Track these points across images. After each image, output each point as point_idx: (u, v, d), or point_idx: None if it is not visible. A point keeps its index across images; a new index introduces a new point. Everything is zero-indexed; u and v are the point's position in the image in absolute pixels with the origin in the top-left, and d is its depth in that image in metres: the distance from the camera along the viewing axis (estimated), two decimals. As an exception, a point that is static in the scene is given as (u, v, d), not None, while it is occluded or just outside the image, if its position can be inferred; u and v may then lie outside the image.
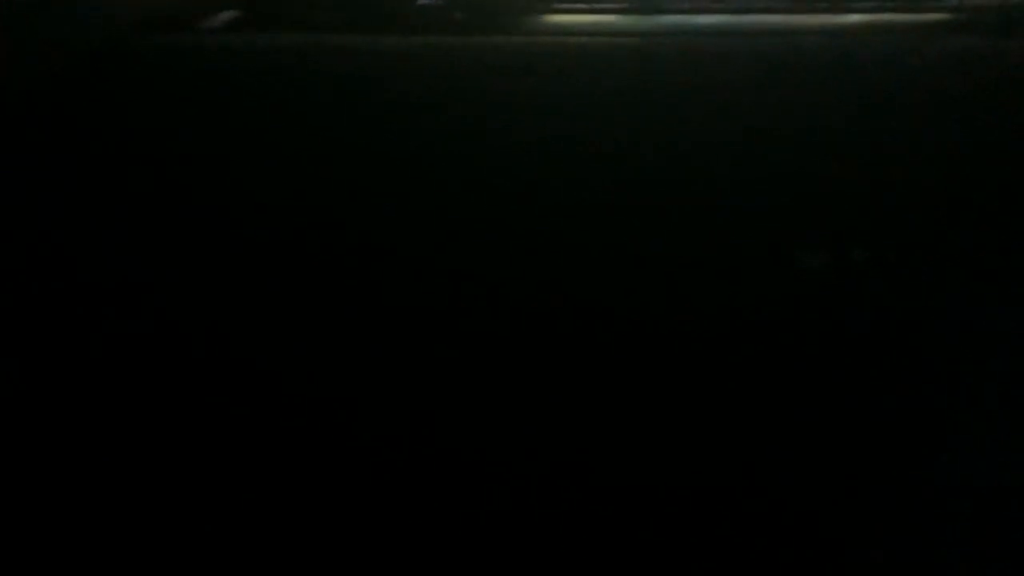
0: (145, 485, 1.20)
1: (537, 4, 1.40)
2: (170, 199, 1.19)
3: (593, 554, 1.19)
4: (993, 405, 1.18)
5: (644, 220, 1.19)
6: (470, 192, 1.19)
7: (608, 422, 1.19)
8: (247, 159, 1.20)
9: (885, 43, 1.33)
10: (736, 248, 1.19)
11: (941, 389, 1.19)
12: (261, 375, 1.19)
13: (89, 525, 1.20)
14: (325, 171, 1.20)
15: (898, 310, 1.19)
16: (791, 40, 1.31)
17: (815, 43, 1.30)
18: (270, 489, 1.20)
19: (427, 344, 1.18)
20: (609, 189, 1.19)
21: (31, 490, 1.20)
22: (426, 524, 1.19)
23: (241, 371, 1.19)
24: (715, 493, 1.19)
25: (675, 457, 1.19)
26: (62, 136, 1.19)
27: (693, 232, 1.19)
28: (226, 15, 1.35)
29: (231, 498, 1.20)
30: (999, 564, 1.17)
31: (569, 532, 1.19)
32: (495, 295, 1.18)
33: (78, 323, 1.19)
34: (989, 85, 1.21)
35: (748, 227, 1.19)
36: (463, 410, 1.19)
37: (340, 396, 1.20)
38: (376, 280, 1.19)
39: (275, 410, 1.20)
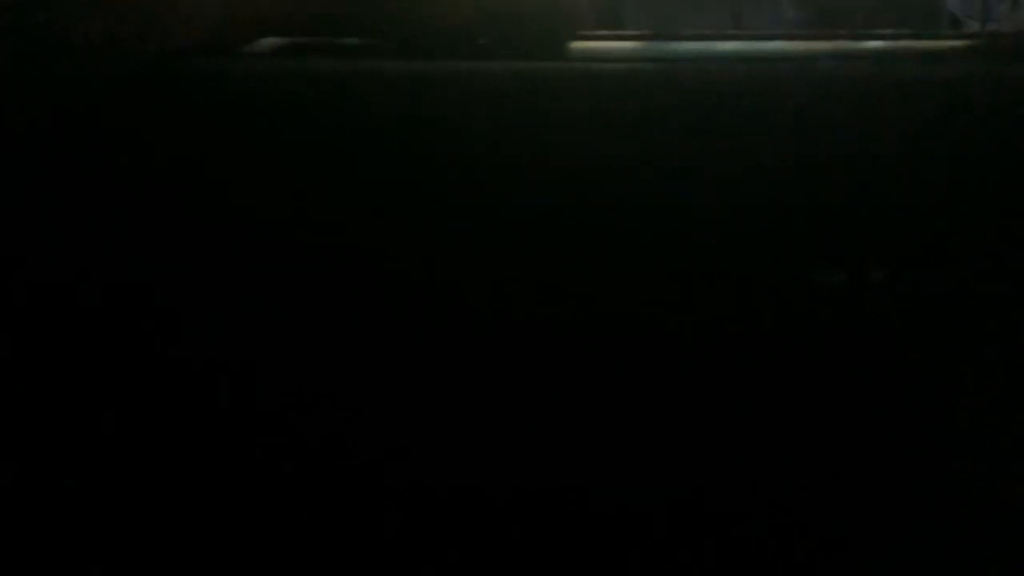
0: (145, 486, 1.22)
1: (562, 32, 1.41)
2: (203, 225, 1.21)
3: (596, 561, 1.20)
4: (1004, 421, 1.19)
5: (657, 244, 1.20)
6: (498, 217, 1.21)
7: (622, 436, 1.20)
8: (279, 184, 1.21)
9: (902, 69, 1.33)
10: (750, 270, 1.19)
11: (953, 406, 1.19)
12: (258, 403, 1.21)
13: (90, 525, 1.23)
14: (356, 196, 1.21)
15: (910, 329, 1.19)
16: (807, 65, 1.31)
17: (831, 68, 1.30)
18: (271, 492, 1.22)
19: (417, 352, 1.20)
20: (625, 213, 1.20)
21: (32, 490, 1.22)
22: (427, 530, 1.21)
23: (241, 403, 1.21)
24: (721, 507, 1.19)
25: (683, 471, 1.20)
26: (96, 161, 1.20)
27: (707, 255, 1.20)
28: (267, 41, 1.35)
29: (233, 502, 1.22)
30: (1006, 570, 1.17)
31: (571, 541, 1.20)
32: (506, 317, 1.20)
33: (100, 346, 1.21)
34: (1006, 111, 1.21)
35: (764, 250, 1.20)
36: (477, 421, 1.21)
37: (345, 409, 1.22)
38: (395, 311, 1.21)
39: (279, 421, 1.21)
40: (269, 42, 1.34)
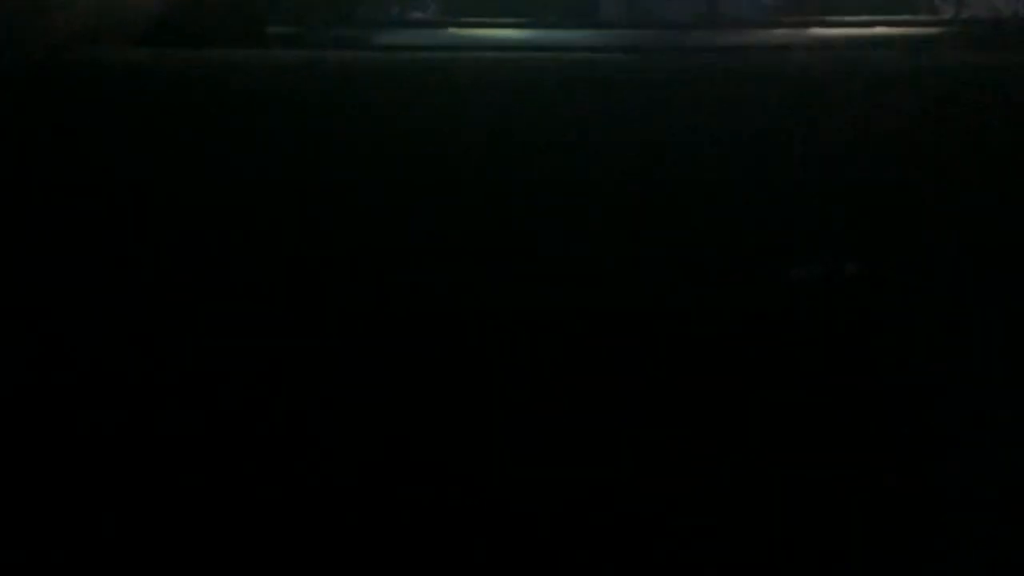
0: (145, 486, 1.21)
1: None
2: (77, 215, 1.20)
3: (594, 557, 1.19)
4: (992, 412, 1.19)
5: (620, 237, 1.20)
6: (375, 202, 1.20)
7: (614, 428, 1.20)
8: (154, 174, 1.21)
9: (880, 57, 1.33)
10: (726, 260, 1.19)
11: (940, 399, 1.19)
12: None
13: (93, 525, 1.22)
14: (222, 184, 1.21)
15: (894, 320, 1.19)
16: (785, 55, 1.31)
17: (809, 57, 1.30)
18: (271, 491, 1.21)
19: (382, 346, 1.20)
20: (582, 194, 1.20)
21: (33, 490, 1.22)
22: (427, 527, 1.20)
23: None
24: (714, 500, 1.19)
25: (673, 463, 1.20)
26: None
27: (672, 242, 1.20)
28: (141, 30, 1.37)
29: (234, 500, 1.22)
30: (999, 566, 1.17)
31: (569, 537, 1.20)
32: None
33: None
34: (986, 98, 1.21)
35: (738, 240, 1.19)
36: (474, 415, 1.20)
37: (345, 407, 1.21)
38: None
39: (276, 416, 1.21)
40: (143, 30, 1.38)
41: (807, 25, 1.52)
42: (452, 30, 1.54)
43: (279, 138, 1.20)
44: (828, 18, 1.55)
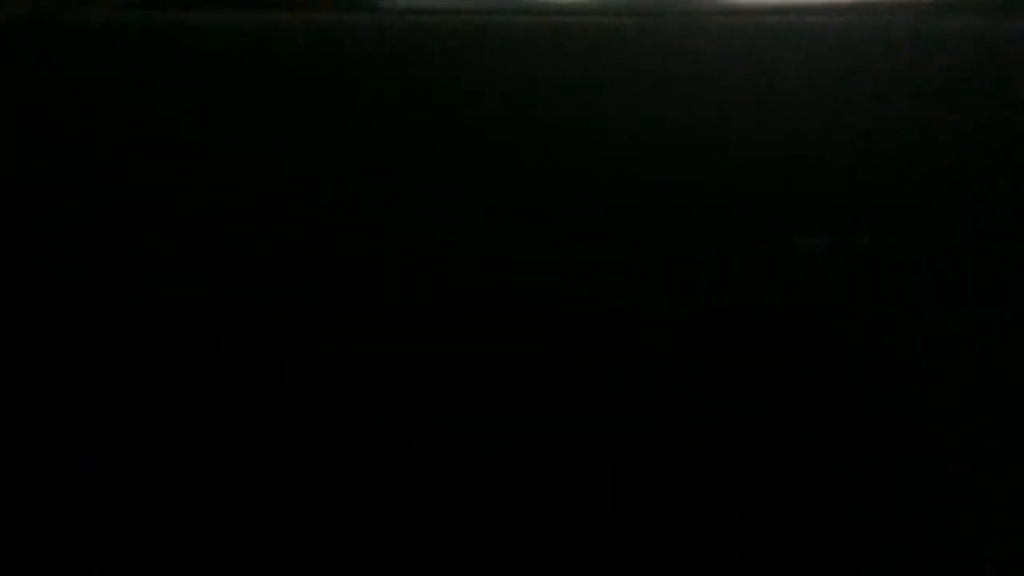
0: (146, 485, 1.18)
1: None
2: (61, 184, 1.17)
3: (594, 555, 1.17)
4: (995, 402, 1.17)
5: (627, 216, 1.16)
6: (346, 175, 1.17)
7: (615, 413, 1.17)
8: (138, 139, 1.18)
9: (882, 22, 1.31)
10: (734, 236, 1.17)
11: (942, 383, 1.17)
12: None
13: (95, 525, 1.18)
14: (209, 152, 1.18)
15: (901, 297, 1.17)
16: (789, 19, 1.29)
17: (811, 22, 1.28)
18: (272, 491, 1.17)
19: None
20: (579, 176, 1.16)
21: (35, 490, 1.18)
22: (429, 525, 1.17)
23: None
24: (717, 490, 1.17)
25: (678, 450, 1.17)
26: None
27: (682, 226, 1.16)
28: None
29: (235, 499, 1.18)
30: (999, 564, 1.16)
31: (571, 533, 1.17)
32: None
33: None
34: (988, 65, 1.19)
35: (746, 214, 1.17)
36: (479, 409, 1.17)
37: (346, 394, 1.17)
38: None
39: (278, 409, 1.17)
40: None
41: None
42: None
43: (274, 107, 1.18)
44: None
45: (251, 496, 1.17)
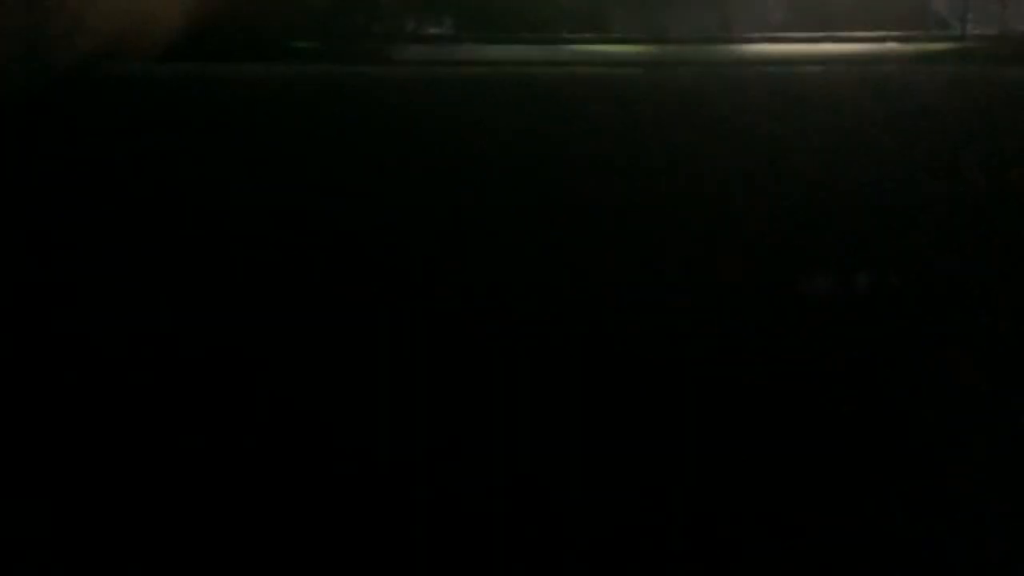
0: (146, 485, 1.21)
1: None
2: (102, 231, 1.20)
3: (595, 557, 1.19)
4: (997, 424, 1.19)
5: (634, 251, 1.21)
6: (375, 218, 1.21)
7: (616, 434, 1.19)
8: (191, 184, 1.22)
9: (889, 71, 1.33)
10: (738, 273, 1.19)
11: (947, 411, 1.19)
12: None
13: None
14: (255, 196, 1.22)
15: (902, 331, 1.19)
16: (794, 69, 1.31)
17: (819, 71, 1.30)
18: (273, 490, 1.21)
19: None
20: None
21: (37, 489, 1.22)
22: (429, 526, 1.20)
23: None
24: (717, 511, 1.19)
25: (681, 471, 1.20)
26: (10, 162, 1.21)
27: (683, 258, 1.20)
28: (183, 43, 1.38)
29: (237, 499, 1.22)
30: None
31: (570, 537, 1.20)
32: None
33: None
34: (991, 112, 1.22)
35: (754, 253, 1.19)
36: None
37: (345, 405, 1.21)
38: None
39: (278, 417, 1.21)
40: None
41: (818, 40, 1.53)
42: (467, 45, 1.55)
43: (301, 152, 1.21)
44: (838, 34, 1.56)
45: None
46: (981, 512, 1.18)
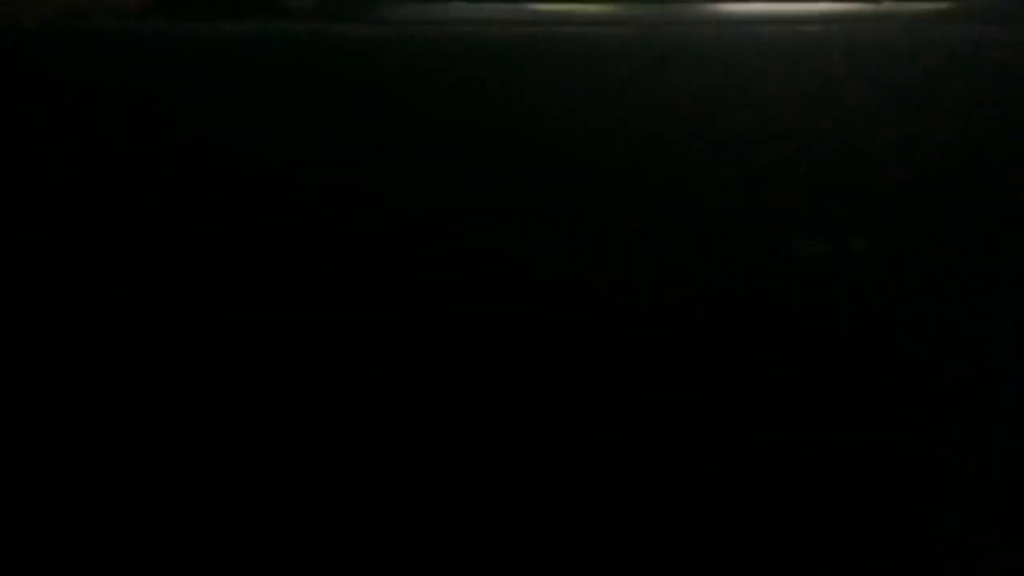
0: (146, 483, 1.20)
1: None
2: (70, 194, 1.19)
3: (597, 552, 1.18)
4: (993, 400, 1.18)
5: (626, 221, 1.18)
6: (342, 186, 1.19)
7: (610, 410, 1.18)
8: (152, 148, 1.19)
9: (886, 31, 1.32)
10: (731, 240, 1.18)
11: (941, 384, 1.18)
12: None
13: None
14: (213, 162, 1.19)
15: (895, 303, 1.18)
16: (790, 28, 1.30)
17: (814, 31, 1.29)
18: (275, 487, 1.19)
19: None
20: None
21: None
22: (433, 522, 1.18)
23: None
24: (713, 489, 1.18)
25: (670, 448, 1.18)
26: None
27: (683, 230, 1.18)
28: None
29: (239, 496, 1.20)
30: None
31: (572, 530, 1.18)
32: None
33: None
34: (989, 74, 1.20)
35: (746, 220, 1.18)
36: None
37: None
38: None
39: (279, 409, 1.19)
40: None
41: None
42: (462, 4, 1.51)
43: (288, 116, 1.19)
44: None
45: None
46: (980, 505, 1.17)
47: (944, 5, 1.48)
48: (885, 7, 1.45)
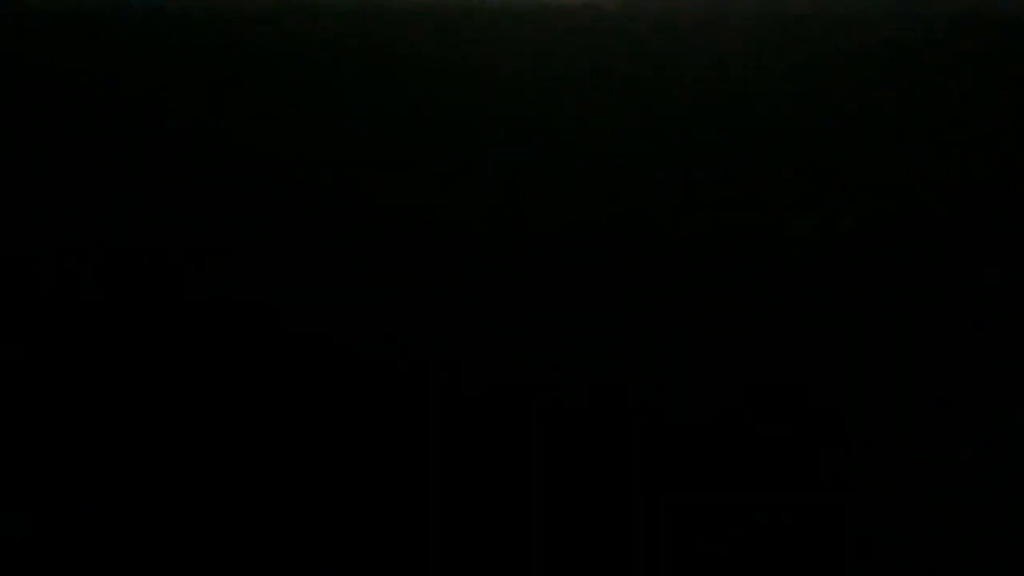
0: (146, 482, 1.20)
1: None
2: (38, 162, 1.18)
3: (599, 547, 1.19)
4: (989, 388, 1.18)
5: (624, 191, 1.18)
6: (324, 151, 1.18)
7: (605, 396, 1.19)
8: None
9: (880, 2, 1.31)
10: (725, 215, 1.18)
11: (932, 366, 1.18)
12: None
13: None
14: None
15: (885, 279, 1.18)
16: (778, 4, 1.29)
17: (801, 5, 1.28)
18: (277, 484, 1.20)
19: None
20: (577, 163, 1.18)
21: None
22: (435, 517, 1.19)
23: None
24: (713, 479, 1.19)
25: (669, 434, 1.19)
26: None
27: (678, 202, 1.18)
28: None
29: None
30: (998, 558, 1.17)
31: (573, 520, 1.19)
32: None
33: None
34: (987, 45, 1.20)
35: (737, 193, 1.18)
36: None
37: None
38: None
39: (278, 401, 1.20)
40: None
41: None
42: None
43: (266, 83, 1.18)
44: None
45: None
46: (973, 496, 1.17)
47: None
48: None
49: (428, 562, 1.17)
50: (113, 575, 1.17)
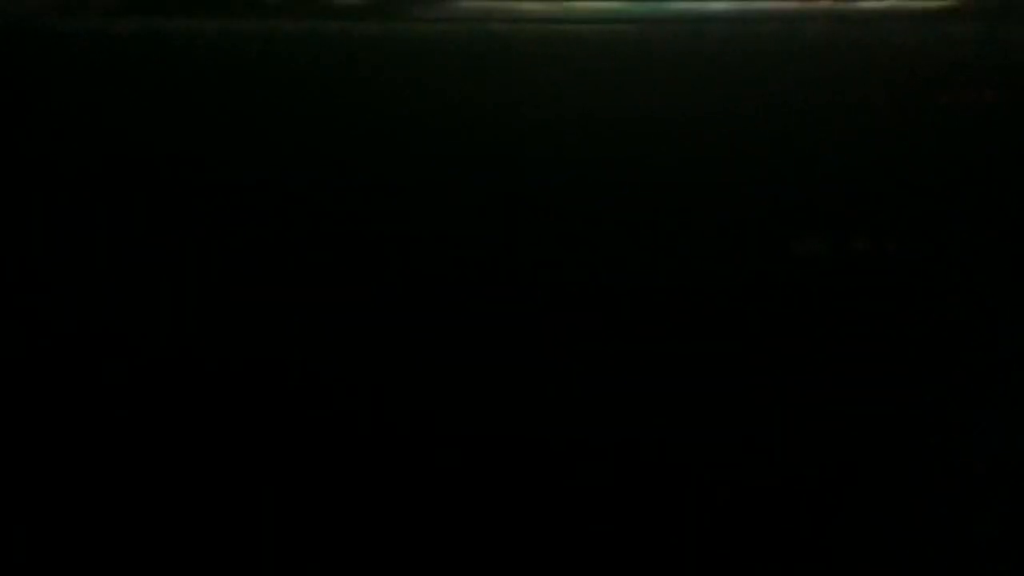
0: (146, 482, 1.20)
1: None
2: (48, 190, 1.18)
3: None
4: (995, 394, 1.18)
5: (638, 209, 1.19)
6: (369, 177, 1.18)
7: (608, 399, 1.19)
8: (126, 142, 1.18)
9: (887, 29, 1.32)
10: (734, 235, 1.19)
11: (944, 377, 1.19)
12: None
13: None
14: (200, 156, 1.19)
15: (895, 299, 1.19)
16: (793, 27, 1.30)
17: (818, 29, 1.29)
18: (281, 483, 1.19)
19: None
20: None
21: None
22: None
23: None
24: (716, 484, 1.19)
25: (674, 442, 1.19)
26: None
27: (690, 220, 1.19)
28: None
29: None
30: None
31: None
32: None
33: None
34: (988, 70, 1.20)
35: (749, 214, 1.19)
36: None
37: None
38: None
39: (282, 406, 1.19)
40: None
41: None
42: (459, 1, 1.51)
43: (272, 113, 1.18)
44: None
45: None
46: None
47: (942, 3, 1.50)
48: (885, 6, 1.46)
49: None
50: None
